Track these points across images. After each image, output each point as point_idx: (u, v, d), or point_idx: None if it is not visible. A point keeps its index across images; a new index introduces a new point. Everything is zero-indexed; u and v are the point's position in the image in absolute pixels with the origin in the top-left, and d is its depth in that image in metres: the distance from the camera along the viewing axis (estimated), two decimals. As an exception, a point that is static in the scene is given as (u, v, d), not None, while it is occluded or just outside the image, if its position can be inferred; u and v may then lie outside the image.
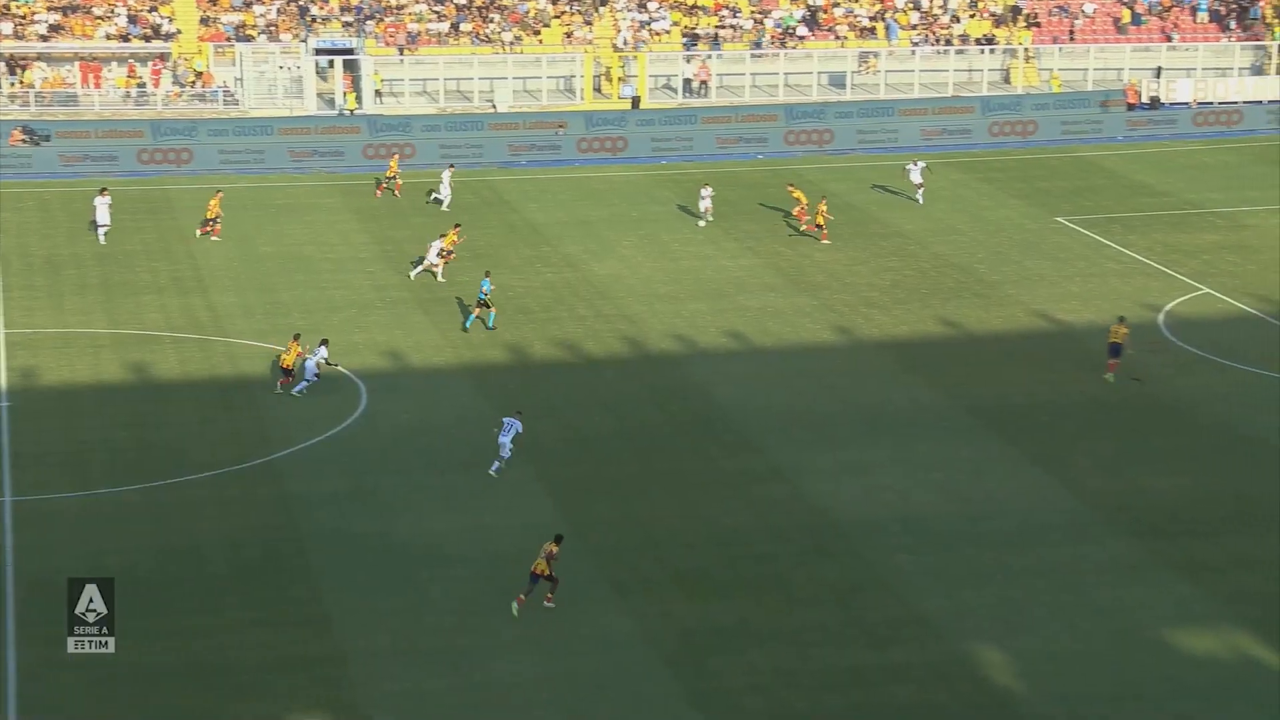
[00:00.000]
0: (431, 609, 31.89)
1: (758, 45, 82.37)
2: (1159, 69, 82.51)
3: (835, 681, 29.45)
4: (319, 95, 77.47)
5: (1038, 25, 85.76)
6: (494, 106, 78.15)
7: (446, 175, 63.49)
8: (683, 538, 35.11)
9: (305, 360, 43.01)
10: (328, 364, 43.30)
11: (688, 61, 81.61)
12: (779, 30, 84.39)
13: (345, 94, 76.91)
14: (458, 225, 55.63)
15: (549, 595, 31.94)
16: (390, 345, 47.21)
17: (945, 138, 75.20)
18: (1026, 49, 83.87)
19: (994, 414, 41.83)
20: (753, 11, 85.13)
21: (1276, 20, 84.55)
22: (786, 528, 35.54)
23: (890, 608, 32.02)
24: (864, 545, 34.66)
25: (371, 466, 38.69)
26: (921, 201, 62.11)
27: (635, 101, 78.71)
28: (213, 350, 46.51)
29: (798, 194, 59.35)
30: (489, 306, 48.53)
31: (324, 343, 43.95)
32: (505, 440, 37.70)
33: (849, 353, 46.95)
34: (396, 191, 64.31)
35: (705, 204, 60.10)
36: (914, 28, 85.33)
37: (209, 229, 57.88)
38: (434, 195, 63.57)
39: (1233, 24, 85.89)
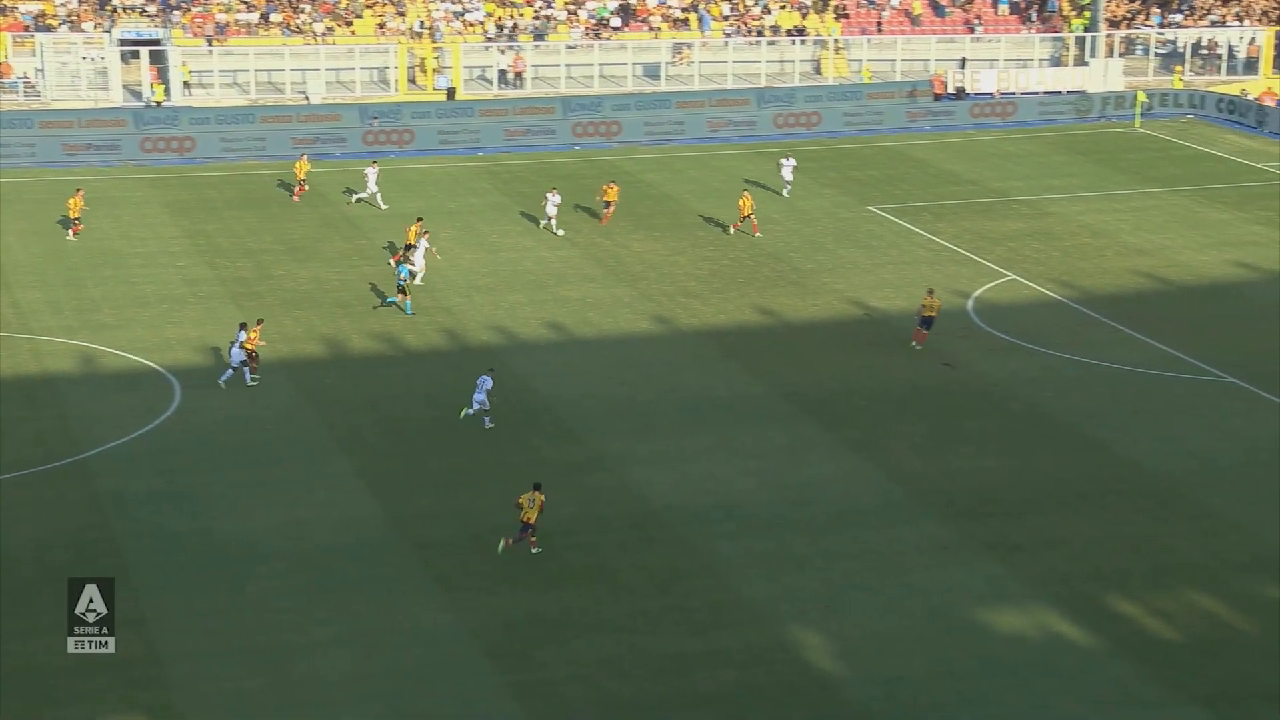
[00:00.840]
0: (250, 607, 31.32)
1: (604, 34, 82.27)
2: (963, 60, 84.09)
3: (658, 668, 29.51)
4: (125, 87, 75.73)
5: (846, 17, 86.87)
6: (306, 98, 77.08)
7: (371, 173, 61.35)
8: (506, 529, 34.90)
9: (232, 347, 42.27)
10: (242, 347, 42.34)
11: (502, 53, 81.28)
12: (593, 21, 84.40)
13: (152, 85, 75.29)
14: (420, 219, 54.89)
15: (533, 540, 33.33)
16: (204, 340, 46.30)
17: (730, 129, 75.79)
18: (836, 40, 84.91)
19: (811, 400, 42.26)
20: (567, 3, 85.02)
21: (1073, 13, 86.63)
22: (609, 517, 35.53)
23: (712, 593, 32.16)
24: (686, 532, 34.79)
25: (187, 464, 37.89)
26: (787, 195, 61.55)
27: (450, 93, 78.18)
28: (18, 348, 45.20)
29: (611, 195, 58.69)
30: (405, 293, 48.61)
31: (242, 326, 42.87)
32: (480, 396, 39.59)
33: (669, 342, 47.10)
34: (297, 195, 61.75)
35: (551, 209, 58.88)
36: (726, 19, 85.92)
37: (75, 228, 56.17)
38: (357, 196, 61.52)
39: (1033, 16, 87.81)
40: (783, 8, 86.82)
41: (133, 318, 47.94)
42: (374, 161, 63.25)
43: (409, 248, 52.31)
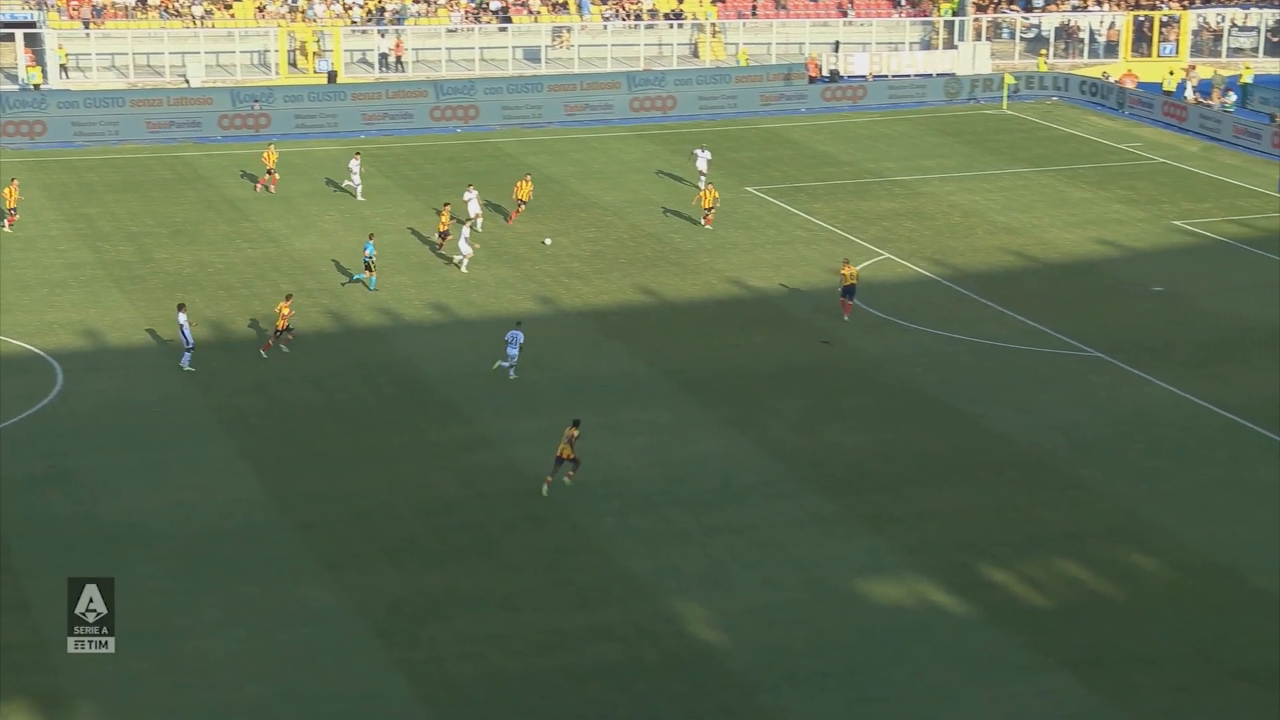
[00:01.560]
0: (135, 589, 30.90)
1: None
2: (837, 43, 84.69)
3: (545, 644, 29.55)
4: (0, 70, 74.22)
5: (723, 1, 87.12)
6: (186, 81, 75.99)
7: (355, 164, 60.09)
8: (392, 509, 34.76)
9: (182, 327, 41.66)
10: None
11: (382, 36, 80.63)
12: (474, 5, 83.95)
13: (29, 69, 73.84)
14: (447, 204, 54.19)
15: (570, 474, 34.83)
16: (86, 324, 45.56)
17: (588, 112, 75.80)
18: (713, 24, 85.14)
19: (692, 378, 42.44)
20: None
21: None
22: (494, 495, 35.47)
23: (598, 570, 32.25)
24: (571, 510, 34.82)
25: (70, 447, 37.30)
26: (702, 187, 60.02)
27: (332, 76, 77.45)
28: (-103, 333, 44.27)
29: (524, 193, 57.11)
30: (371, 270, 48.50)
31: (181, 307, 42.27)
32: (513, 351, 41.41)
33: (552, 322, 47.07)
34: (272, 186, 59.95)
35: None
36: (605, 3, 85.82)
37: (10, 219, 54.79)
38: (346, 184, 60.33)
39: (903, 1, 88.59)
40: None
41: (13, 302, 47.06)
42: (357, 153, 61.97)
43: (443, 234, 52.45)
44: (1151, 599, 30.94)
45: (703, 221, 55.85)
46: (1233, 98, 73.94)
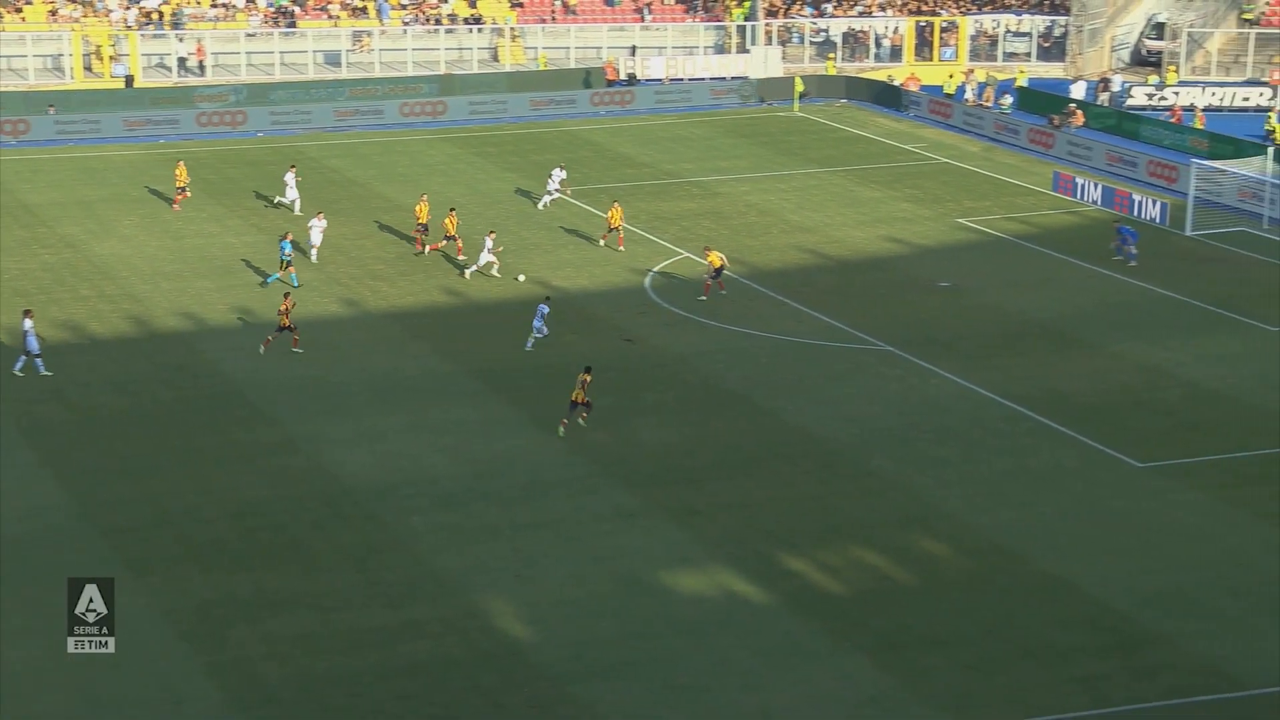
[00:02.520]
0: (-64, 602, 29.86)
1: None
2: (634, 47, 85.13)
3: (354, 643, 29.23)
4: None
5: (521, 5, 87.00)
6: (-20, 85, 73.69)
7: (290, 177, 57.93)
8: (199, 513, 34.09)
9: (27, 336, 40.13)
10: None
11: (180, 40, 79.04)
12: (272, 10, 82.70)
13: None
14: (453, 209, 52.89)
15: (583, 415, 37.65)
16: (-122, 332, 43.91)
17: (412, 115, 75.42)
18: (512, 28, 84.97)
19: (498, 377, 42.32)
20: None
21: (734, 3, 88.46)
22: (302, 496, 34.99)
23: (406, 568, 31.99)
24: (379, 509, 34.50)
25: None
26: (541, 208, 59.04)
27: (129, 80, 75.67)
28: None
29: (424, 216, 54.05)
30: (290, 267, 47.65)
31: (26, 313, 41.02)
32: (539, 324, 43.07)
33: (358, 324, 46.57)
34: (176, 204, 57.61)
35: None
36: (405, 7, 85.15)
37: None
38: (278, 200, 58.04)
39: (697, 6, 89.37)
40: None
41: None
42: (293, 165, 59.95)
43: (449, 238, 51.71)
44: (942, 583, 31.64)
45: (616, 245, 53.27)
46: (1009, 100, 75.85)
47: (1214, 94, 76.59)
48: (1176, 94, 76.32)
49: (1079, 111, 72.35)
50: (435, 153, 68.59)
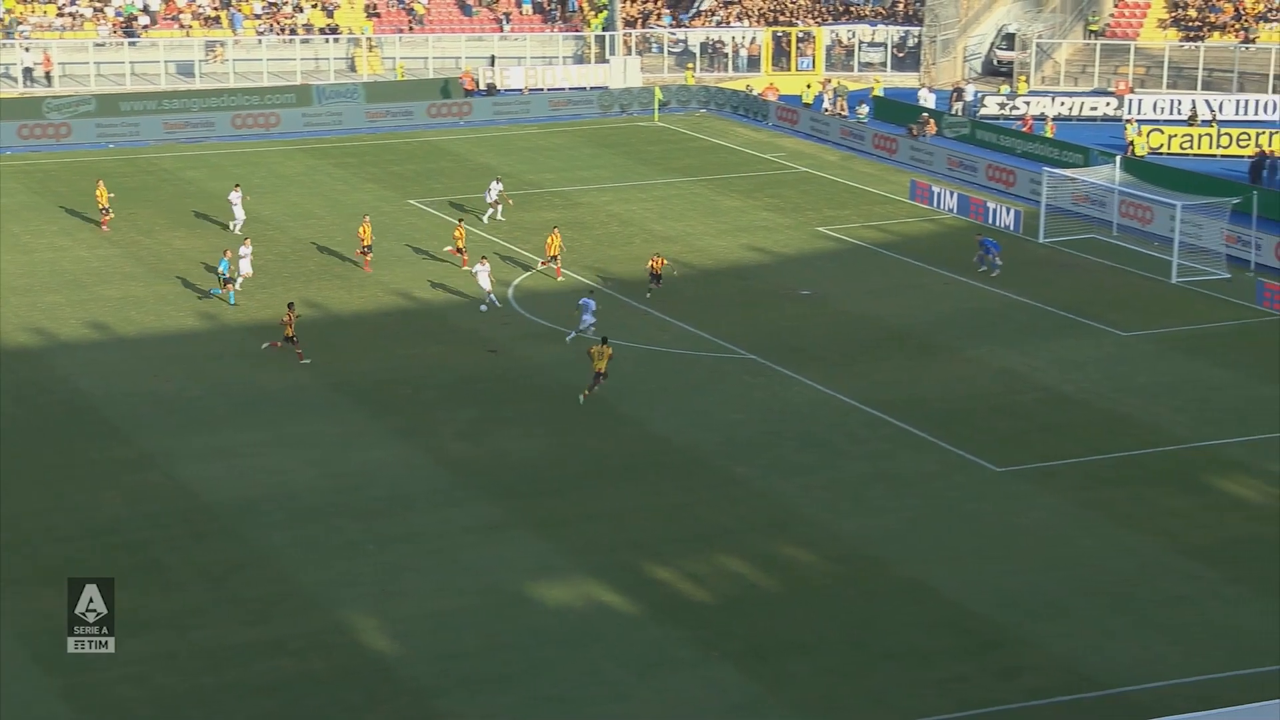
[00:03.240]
0: None
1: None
2: (493, 57, 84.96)
3: (214, 661, 28.79)
4: None
5: (378, 15, 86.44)
6: None
7: (235, 196, 56.29)
8: (54, 531, 33.37)
9: None
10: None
11: (27, 50, 77.44)
12: (121, 19, 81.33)
13: None
14: (461, 220, 52.62)
15: (592, 387, 40.51)
16: None
17: (248, 127, 74.61)
18: (369, 38, 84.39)
19: (360, 390, 41.96)
20: (91, 1, 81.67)
21: (592, 13, 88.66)
22: (160, 514, 34.39)
23: (267, 584, 31.58)
24: (239, 525, 34.03)
25: None
26: (486, 221, 58.43)
27: (-25, 90, 74.06)
28: None
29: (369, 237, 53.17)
30: (229, 284, 46.83)
31: None
32: (587, 318, 44.48)
33: (215, 337, 45.93)
34: (104, 225, 55.77)
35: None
36: (259, 17, 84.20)
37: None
38: (231, 224, 56.32)
39: (556, 16, 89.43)
40: (314, 6, 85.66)
41: None
42: (237, 185, 58.31)
43: (460, 251, 51.42)
44: (806, 588, 31.90)
45: (554, 273, 51.98)
46: (865, 109, 76.78)
47: (1063, 103, 78.18)
48: (1027, 103, 77.80)
49: (931, 120, 73.46)
50: (294, 164, 67.89)
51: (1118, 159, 61.80)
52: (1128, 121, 70.62)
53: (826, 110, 77.98)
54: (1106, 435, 39.33)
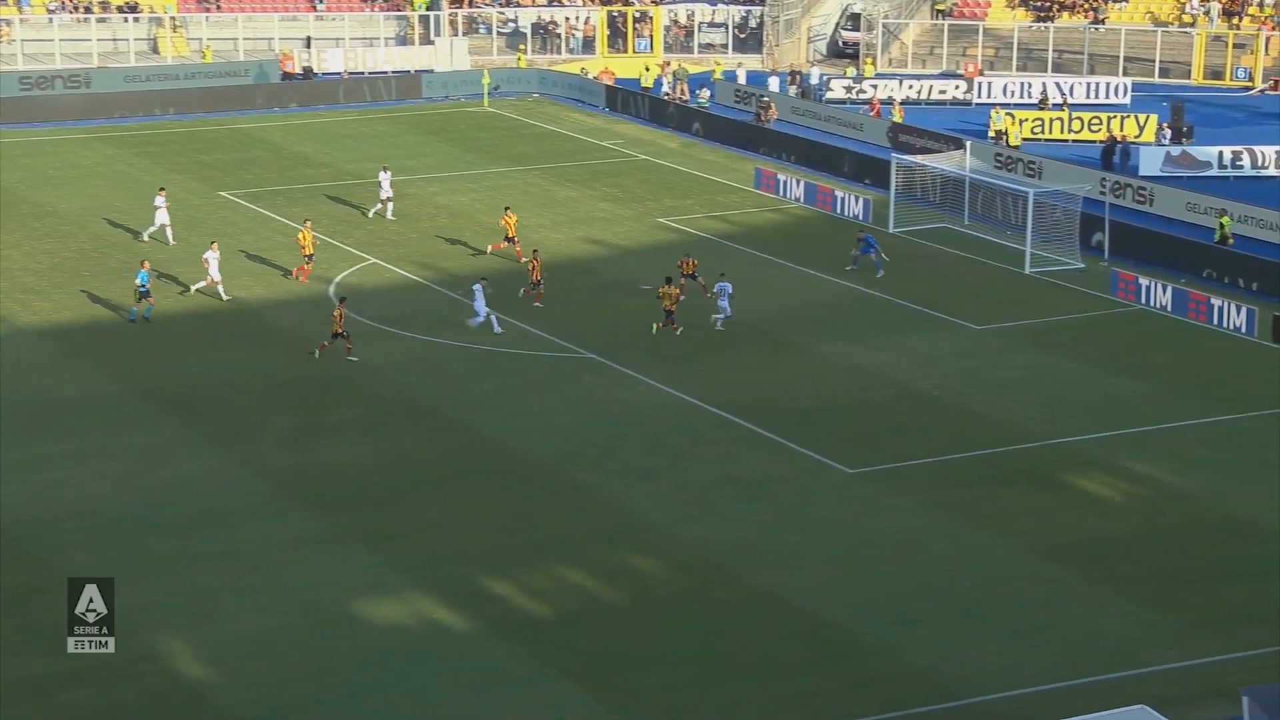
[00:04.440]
0: None
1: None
2: (309, 39, 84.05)
3: (13, 694, 28.09)
4: None
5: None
6: None
7: (160, 200, 54.04)
8: None
9: None
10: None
11: None
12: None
13: None
14: (507, 208, 52.38)
15: (666, 324, 45.73)
16: None
17: (57, 112, 73.10)
18: (173, 17, 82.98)
19: (170, 397, 41.24)
20: None
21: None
22: (-51, 535, 33.48)
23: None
24: (37, 546, 33.22)
25: None
26: (391, 216, 57.58)
27: None
28: None
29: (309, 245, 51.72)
30: (147, 298, 45.23)
31: None
32: (724, 304, 46.29)
33: (8, 342, 44.80)
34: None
35: None
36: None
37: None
38: (149, 233, 54.16)
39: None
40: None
41: None
42: (161, 189, 56.07)
43: (509, 239, 51.96)
44: (651, 600, 31.98)
45: (516, 257, 51.96)
46: (707, 94, 77.22)
47: (911, 86, 79.37)
48: (874, 86, 78.83)
49: (772, 105, 74.06)
50: (91, 153, 66.53)
51: (969, 144, 62.84)
52: (996, 109, 71.66)
53: (666, 95, 78.30)
54: (960, 433, 39.99)
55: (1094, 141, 69.13)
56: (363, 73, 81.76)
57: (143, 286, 46.43)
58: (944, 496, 36.46)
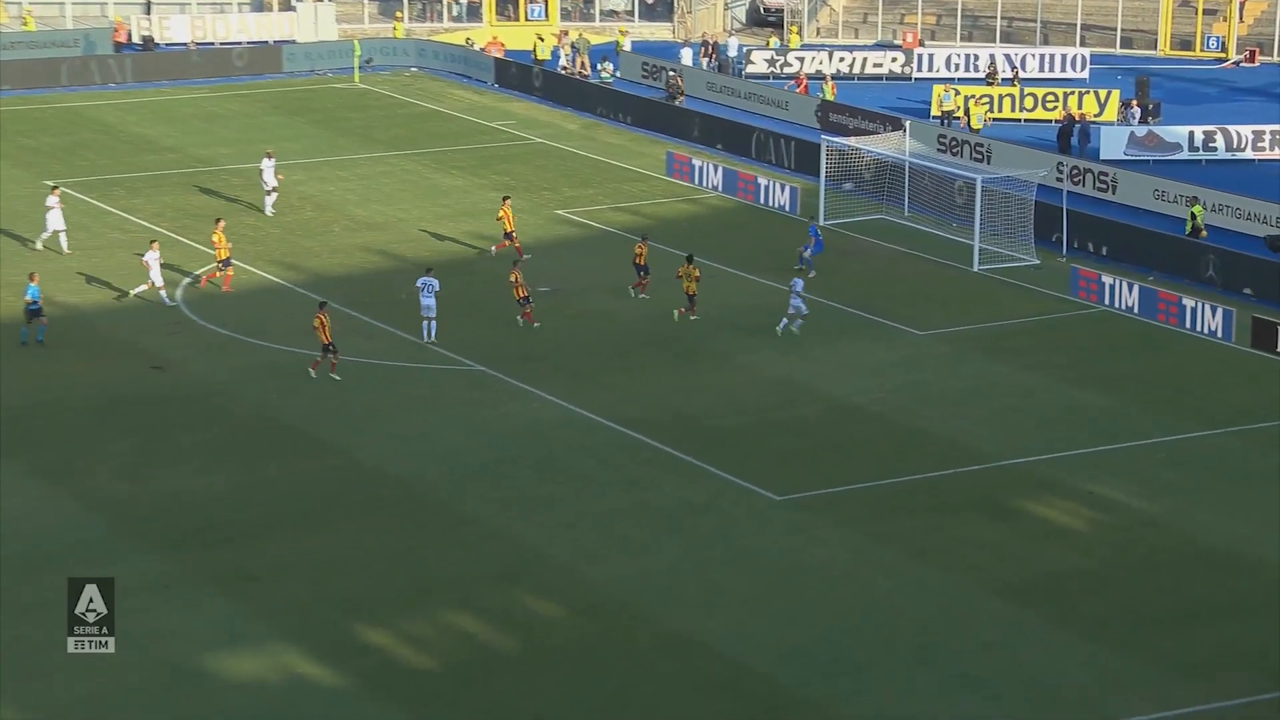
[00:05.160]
0: None
1: None
2: (148, 4, 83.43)
3: None
4: None
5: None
6: None
7: (53, 200, 53.01)
8: None
9: None
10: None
11: None
12: None
13: None
14: (506, 198, 51.87)
15: (688, 310, 47.80)
16: None
17: None
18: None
19: (-12, 420, 40.81)
20: None
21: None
22: None
23: None
24: None
25: None
26: (270, 211, 57.33)
27: None
28: None
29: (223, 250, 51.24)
30: (38, 317, 44.52)
31: None
32: (797, 302, 46.83)
33: None
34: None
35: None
36: None
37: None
38: (41, 241, 53.19)
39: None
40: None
41: None
42: (55, 187, 55.01)
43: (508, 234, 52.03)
44: (550, 648, 31.88)
45: (513, 248, 52.36)
46: (610, 68, 77.22)
47: (842, 59, 79.79)
48: (801, 60, 79.22)
49: (678, 78, 74.03)
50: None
51: (908, 124, 63.30)
52: (946, 86, 72.09)
53: (564, 69, 78.32)
54: (902, 454, 40.21)
55: (1049, 121, 69.84)
56: (212, 43, 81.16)
57: (34, 304, 45.59)
58: (884, 527, 36.63)
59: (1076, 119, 67.61)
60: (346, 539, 35.78)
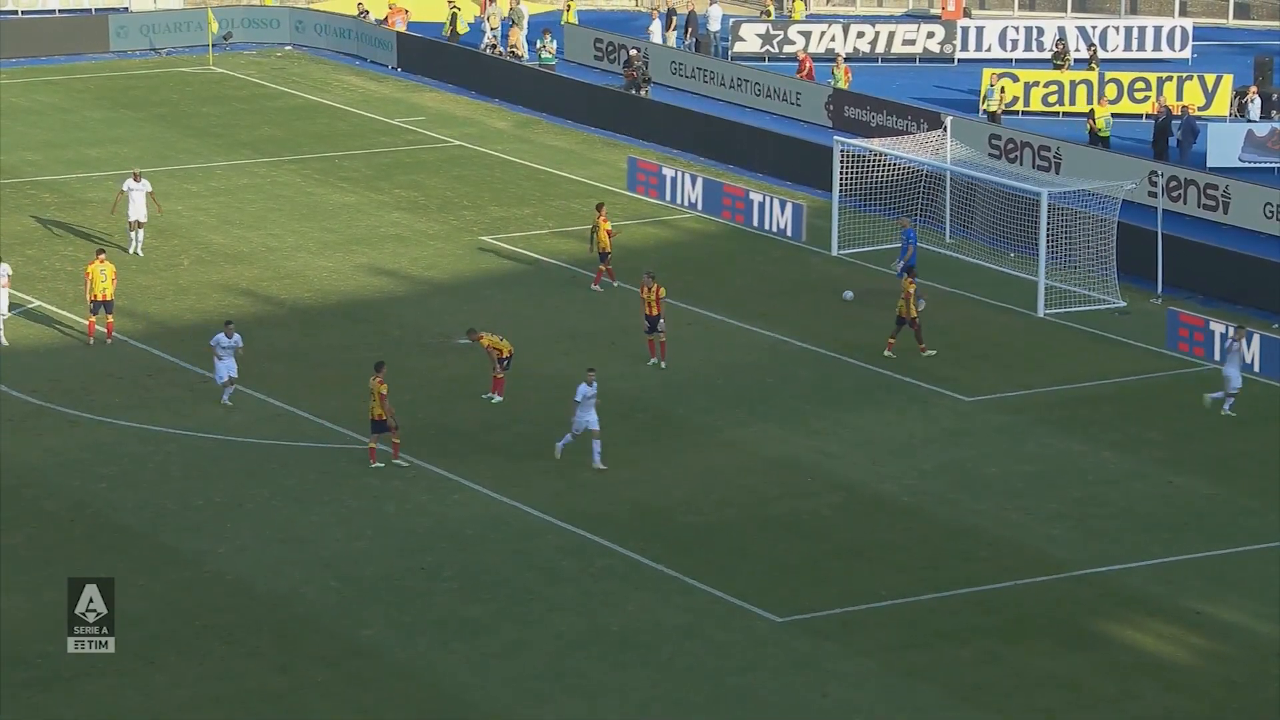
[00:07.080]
0: None
1: None
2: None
3: None
4: None
5: None
6: None
7: None
8: None
9: None
10: None
11: None
12: None
13: None
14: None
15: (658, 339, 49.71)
16: None
17: None
18: None
19: None
20: None
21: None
22: None
23: None
24: None
25: None
26: (138, 253, 57.90)
27: None
28: None
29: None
30: None
31: None
32: (1233, 371, 47.14)
33: None
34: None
35: None
36: None
37: None
38: None
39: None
40: None
41: None
42: None
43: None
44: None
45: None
46: (552, 45, 77.16)
47: (861, 34, 79.80)
48: (806, 34, 79.36)
49: (636, 54, 73.69)
50: None
51: (948, 122, 63.52)
52: (1001, 75, 72.49)
53: (491, 47, 78.50)
54: (943, 560, 40.38)
55: (1139, 116, 70.08)
56: (14, 12, 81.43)
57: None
58: (921, 658, 36.78)
59: (1176, 113, 67.44)
60: (201, 683, 35.80)
